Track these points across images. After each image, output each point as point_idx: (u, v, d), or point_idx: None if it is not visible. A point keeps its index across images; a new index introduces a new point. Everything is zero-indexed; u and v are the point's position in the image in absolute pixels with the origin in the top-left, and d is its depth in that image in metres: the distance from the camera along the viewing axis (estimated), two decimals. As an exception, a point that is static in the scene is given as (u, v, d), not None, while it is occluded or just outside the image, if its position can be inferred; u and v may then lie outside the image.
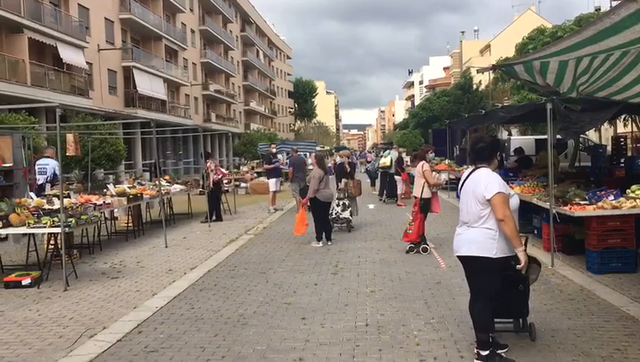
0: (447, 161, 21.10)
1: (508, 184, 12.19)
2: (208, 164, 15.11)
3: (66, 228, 7.72)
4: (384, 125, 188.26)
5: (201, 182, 15.67)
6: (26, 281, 7.82)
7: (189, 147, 51.01)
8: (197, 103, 55.00)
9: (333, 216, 12.65)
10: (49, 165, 14.59)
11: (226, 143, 57.15)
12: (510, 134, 30.65)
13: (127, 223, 12.73)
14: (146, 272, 8.79)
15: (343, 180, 13.15)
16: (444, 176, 12.63)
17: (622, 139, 17.87)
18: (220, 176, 14.99)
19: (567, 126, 8.45)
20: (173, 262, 9.56)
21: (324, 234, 11.20)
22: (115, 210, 13.79)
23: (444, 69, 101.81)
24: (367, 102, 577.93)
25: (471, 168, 4.82)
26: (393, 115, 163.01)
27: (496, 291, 4.70)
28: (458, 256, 4.85)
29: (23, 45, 27.18)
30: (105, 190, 12.39)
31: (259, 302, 6.86)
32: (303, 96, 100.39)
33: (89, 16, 34.95)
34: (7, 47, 26.67)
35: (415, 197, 10.24)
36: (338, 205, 12.72)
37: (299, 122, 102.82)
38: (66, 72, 31.03)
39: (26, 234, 8.57)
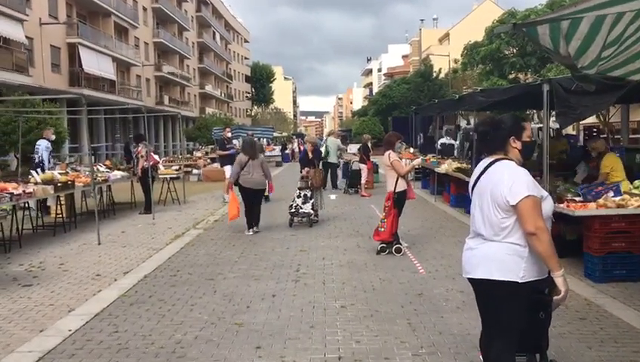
0: (411, 150, 20.09)
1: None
2: (139, 149, 13.51)
3: (-40, 227, 6.17)
4: (342, 112, 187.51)
5: (132, 169, 14.09)
6: None
7: (140, 130, 48.65)
8: (149, 85, 52.51)
9: (292, 209, 11.36)
10: (40, 145, 13.92)
11: (179, 127, 54.93)
12: (469, 123, 29.86)
13: (56, 214, 11.10)
14: (69, 278, 7.29)
15: (305, 169, 11.84)
16: (418, 161, 11.44)
17: (595, 130, 17.11)
18: (151, 163, 13.37)
19: (566, 111, 7.33)
20: (104, 264, 8.07)
21: (253, 223, 10.70)
22: (49, 199, 12.17)
23: (403, 57, 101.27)
24: (324, 89, 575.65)
25: (487, 160, 3.52)
26: (351, 103, 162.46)
27: (523, 325, 3.49)
28: (470, 279, 3.59)
29: (-50, 15, 24.70)
30: (30, 176, 10.74)
31: (203, 322, 5.49)
32: (260, 81, 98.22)
33: (29, -13, 32.35)
34: None
35: (388, 191, 8.98)
36: (299, 196, 11.42)
37: (256, 107, 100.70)
38: (3, 47, 28.55)
39: None
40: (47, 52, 33.95)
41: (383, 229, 8.62)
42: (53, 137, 14.16)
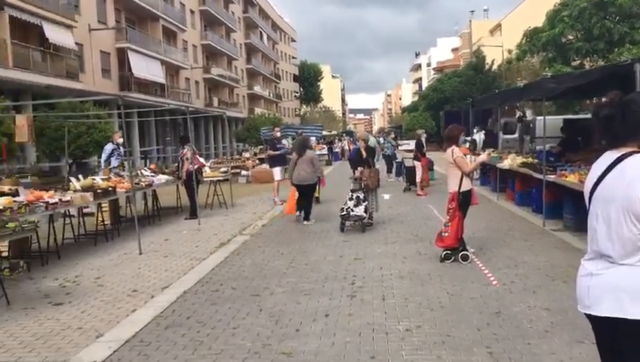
0: (467, 145, 18.99)
1: (558, 170, 9.89)
2: (184, 151, 13.02)
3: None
4: (391, 109, 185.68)
5: (176, 172, 13.61)
6: None
7: (188, 133, 48.74)
8: (198, 87, 52.75)
9: (344, 212, 10.52)
10: (106, 149, 14.27)
11: (229, 128, 55.02)
12: (524, 115, 28.18)
13: (98, 221, 10.63)
14: (103, 294, 6.69)
15: (359, 169, 10.98)
16: (484, 157, 10.37)
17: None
18: (196, 166, 12.85)
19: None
20: (143, 278, 7.45)
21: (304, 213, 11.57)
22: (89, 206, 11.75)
23: (453, 50, 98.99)
24: (372, 86, 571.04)
25: (612, 154, 2.60)
26: (400, 99, 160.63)
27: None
28: (590, 315, 2.66)
29: (3, 23, 24.99)
30: (70, 183, 10.31)
31: (245, 351, 4.73)
32: (308, 79, 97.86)
33: (78, -7, 32.70)
34: (-15, 25, 24.52)
35: (451, 192, 8.01)
36: (351, 198, 10.57)
37: (304, 106, 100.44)
38: (54, 53, 28.85)
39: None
40: (96, 58, 34.28)
41: (446, 234, 7.69)
42: (120, 140, 13.89)
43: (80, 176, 10.71)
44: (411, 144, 22.56)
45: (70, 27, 30.02)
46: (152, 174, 13.29)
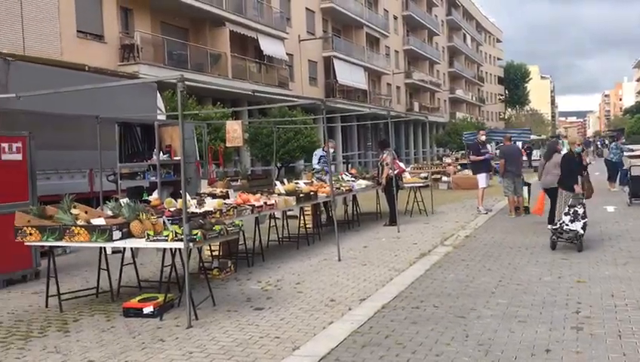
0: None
1: None
2: (384, 156, 12.74)
3: (190, 244, 5.76)
4: (609, 111, 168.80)
5: (376, 177, 13.37)
6: (148, 309, 6.06)
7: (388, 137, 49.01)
8: (399, 93, 52.97)
9: (557, 226, 9.25)
10: (316, 154, 14.91)
11: (428, 133, 54.29)
12: None
13: (300, 225, 10.77)
14: (302, 302, 6.54)
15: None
16: None
17: None
18: (396, 171, 12.50)
19: None
20: (340, 287, 7.20)
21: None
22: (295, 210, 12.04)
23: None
24: (586, 86, 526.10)
25: None
26: (620, 99, 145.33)
27: None
28: None
29: (224, 38, 27.43)
30: (275, 185, 10.61)
31: (450, 386, 4.13)
32: (514, 81, 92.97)
33: (290, 7, 34.74)
34: (210, 40, 27.08)
35: None
36: (567, 213, 9.26)
37: (509, 110, 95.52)
38: (267, 64, 30.95)
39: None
40: (305, 66, 36.07)
41: (702, 260, 6.23)
42: (332, 150, 14.01)
43: (285, 180, 10.96)
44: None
45: (282, 39, 31.97)
46: (353, 179, 13.23)
